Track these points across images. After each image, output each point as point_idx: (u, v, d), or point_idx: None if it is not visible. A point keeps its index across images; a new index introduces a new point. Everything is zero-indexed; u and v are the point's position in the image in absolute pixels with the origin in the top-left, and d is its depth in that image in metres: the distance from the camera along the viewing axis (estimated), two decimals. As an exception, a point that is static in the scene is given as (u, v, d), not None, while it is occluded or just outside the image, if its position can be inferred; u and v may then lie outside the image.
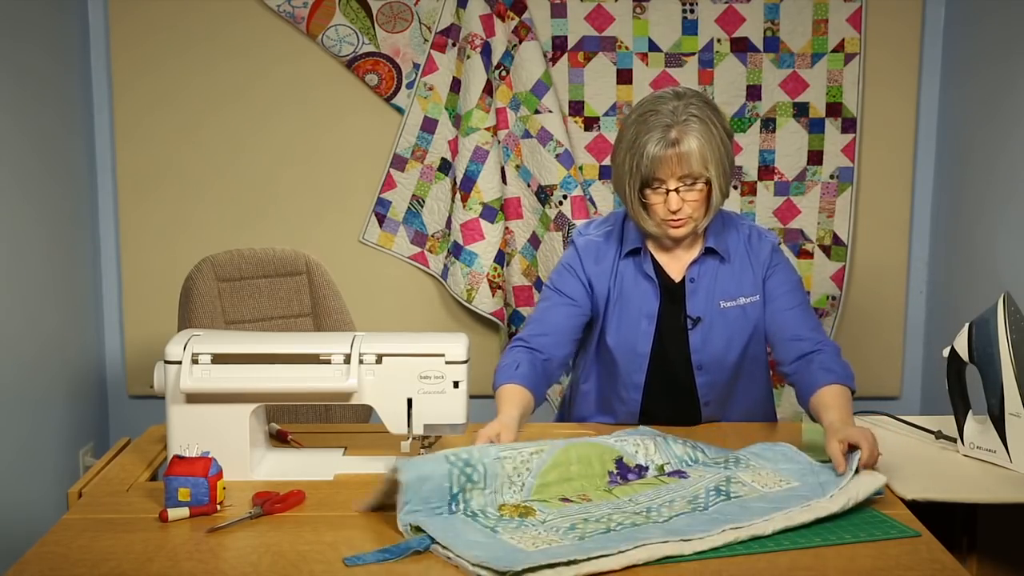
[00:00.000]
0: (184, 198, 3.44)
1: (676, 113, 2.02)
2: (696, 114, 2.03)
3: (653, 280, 2.15)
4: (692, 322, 2.14)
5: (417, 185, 3.44)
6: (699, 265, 2.15)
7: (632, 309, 2.15)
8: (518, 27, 3.32)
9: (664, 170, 2.02)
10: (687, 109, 2.03)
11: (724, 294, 2.15)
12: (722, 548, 1.53)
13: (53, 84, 3.14)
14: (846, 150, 3.42)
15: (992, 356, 1.92)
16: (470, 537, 1.54)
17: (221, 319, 2.56)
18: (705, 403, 2.19)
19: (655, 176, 2.03)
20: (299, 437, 2.05)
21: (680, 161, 2.01)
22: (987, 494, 1.81)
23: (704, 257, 2.15)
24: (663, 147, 2.01)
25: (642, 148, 2.02)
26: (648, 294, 2.15)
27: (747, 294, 2.15)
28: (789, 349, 2.12)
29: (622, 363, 2.16)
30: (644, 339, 2.15)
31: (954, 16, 3.35)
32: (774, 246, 2.20)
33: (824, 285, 3.48)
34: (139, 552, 1.52)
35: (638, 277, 2.16)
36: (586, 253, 2.19)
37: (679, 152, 2.01)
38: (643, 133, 2.03)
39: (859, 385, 3.71)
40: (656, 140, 2.01)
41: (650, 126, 2.03)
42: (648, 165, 2.02)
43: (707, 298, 2.14)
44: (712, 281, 2.15)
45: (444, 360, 1.83)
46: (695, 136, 2.01)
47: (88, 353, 3.39)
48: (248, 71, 3.39)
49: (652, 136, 2.01)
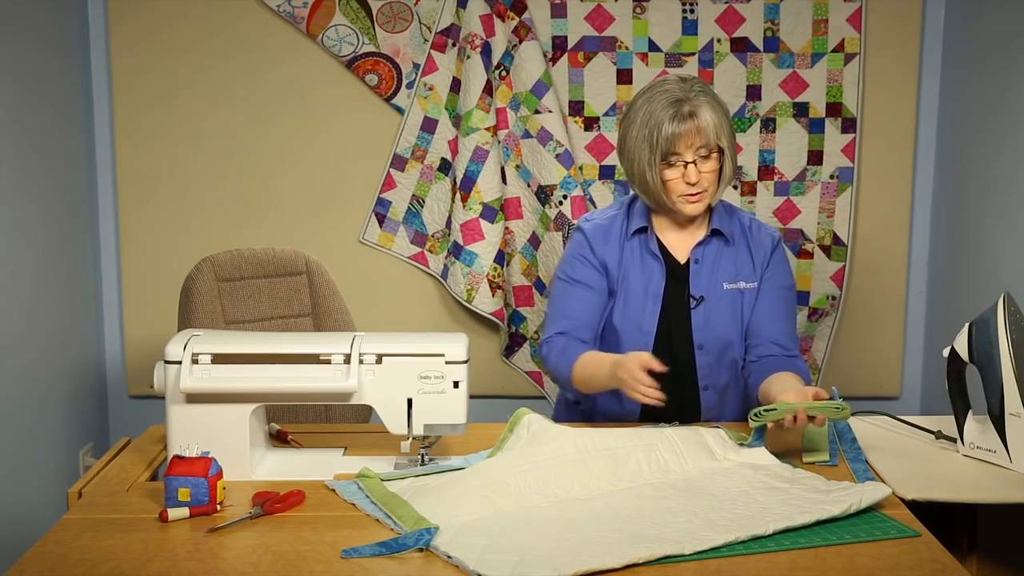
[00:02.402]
0: (184, 198, 3.44)
1: (685, 90, 2.11)
2: (703, 90, 2.12)
3: (659, 258, 2.19)
4: (695, 301, 2.18)
5: (417, 185, 3.44)
6: (704, 247, 2.21)
7: (638, 289, 2.19)
8: (518, 27, 3.32)
9: (682, 143, 2.09)
10: (693, 87, 2.12)
11: (726, 276, 2.20)
12: (722, 548, 1.53)
13: (53, 83, 3.14)
14: (846, 150, 3.42)
15: (992, 356, 1.92)
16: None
17: (221, 319, 2.56)
18: (704, 387, 2.21)
19: (673, 151, 2.09)
20: (299, 437, 2.05)
21: (698, 132, 2.08)
22: (987, 494, 1.81)
23: (710, 239, 2.21)
24: (679, 121, 2.08)
25: (658, 124, 2.09)
26: (654, 273, 2.19)
27: (746, 279, 2.21)
28: (764, 347, 2.19)
29: (627, 343, 2.19)
30: (650, 318, 2.18)
31: (954, 16, 3.35)
32: (775, 240, 2.26)
33: (824, 285, 3.48)
34: (139, 552, 1.52)
35: (644, 256, 2.21)
36: (594, 236, 2.23)
37: (696, 125, 2.08)
38: (656, 111, 2.10)
39: (859, 385, 3.72)
40: (671, 116, 2.08)
41: (662, 103, 2.10)
42: (667, 139, 2.08)
43: (710, 278, 2.19)
44: (716, 262, 2.21)
45: (444, 360, 1.83)
46: (707, 108, 2.10)
47: (88, 353, 3.39)
48: (248, 71, 3.39)
49: (666, 112, 2.09)
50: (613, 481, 1.77)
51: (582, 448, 1.81)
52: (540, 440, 1.84)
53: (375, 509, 1.67)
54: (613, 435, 1.87)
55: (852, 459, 1.91)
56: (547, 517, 1.63)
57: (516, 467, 1.75)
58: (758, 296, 2.21)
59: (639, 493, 1.74)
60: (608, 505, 1.69)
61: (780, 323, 2.21)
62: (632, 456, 1.82)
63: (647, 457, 1.83)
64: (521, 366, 3.51)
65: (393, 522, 1.61)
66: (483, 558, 1.47)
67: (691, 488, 1.76)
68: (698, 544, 1.52)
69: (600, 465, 1.78)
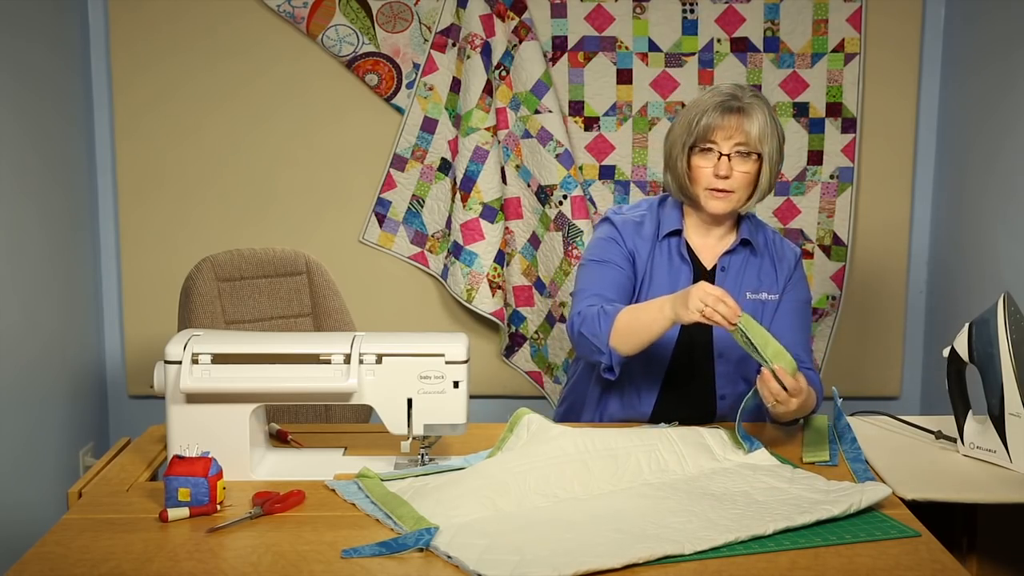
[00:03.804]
0: (184, 198, 3.44)
1: (743, 92, 2.11)
2: (759, 96, 2.13)
3: (688, 262, 2.19)
4: None
5: (417, 185, 3.44)
6: (731, 255, 2.21)
7: (663, 291, 2.17)
8: (518, 27, 3.32)
9: (720, 133, 2.08)
10: (750, 92, 2.12)
11: (750, 286, 2.20)
12: (722, 548, 1.53)
13: (53, 83, 3.14)
14: (846, 150, 3.42)
15: (992, 356, 1.91)
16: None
17: (221, 319, 2.56)
18: (721, 396, 2.21)
19: (709, 138, 2.09)
20: (299, 437, 2.05)
21: (739, 127, 2.08)
22: (987, 494, 1.81)
23: (738, 247, 2.21)
24: (722, 111, 2.08)
25: (703, 111, 2.09)
26: (682, 276, 2.19)
27: (768, 291, 2.21)
28: None
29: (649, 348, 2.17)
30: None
31: (954, 15, 3.35)
32: (797, 255, 2.28)
33: (824, 285, 3.48)
34: (139, 552, 1.52)
35: (673, 259, 2.20)
36: (624, 228, 2.22)
37: (741, 120, 2.08)
38: (707, 99, 2.11)
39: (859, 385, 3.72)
40: (718, 104, 2.09)
41: (715, 95, 2.11)
42: (707, 126, 2.08)
43: (735, 287, 2.19)
44: (741, 272, 2.21)
45: (444, 360, 1.83)
46: (759, 111, 2.10)
47: (88, 353, 3.39)
48: (248, 71, 3.39)
49: (714, 101, 2.09)
50: (613, 481, 1.77)
51: (582, 448, 1.81)
52: (540, 440, 1.84)
53: (375, 509, 1.67)
54: (613, 435, 1.87)
55: (852, 459, 1.91)
56: (547, 517, 1.63)
57: (516, 467, 1.75)
58: (778, 309, 2.21)
59: (639, 493, 1.74)
60: (608, 505, 1.68)
61: (797, 336, 2.20)
62: (632, 456, 1.82)
63: (647, 457, 1.83)
64: (521, 366, 3.51)
65: (393, 522, 1.61)
66: (483, 558, 1.47)
67: (691, 488, 1.76)
68: (698, 544, 1.52)
69: (600, 465, 1.78)
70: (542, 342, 3.46)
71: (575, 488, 1.73)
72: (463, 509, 1.63)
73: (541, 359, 3.48)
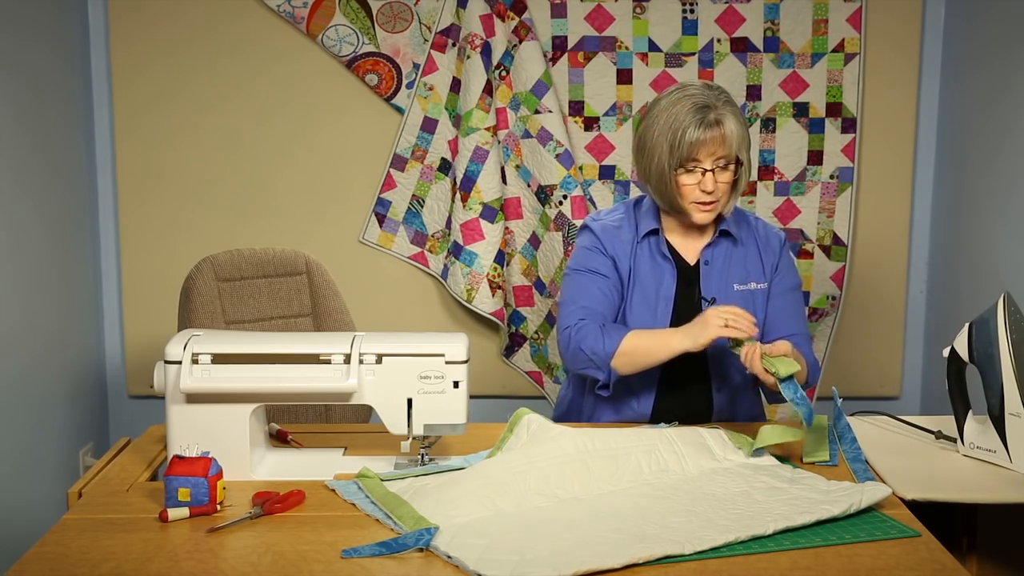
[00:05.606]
0: (184, 198, 3.44)
1: (711, 97, 2.08)
2: (728, 100, 2.10)
3: (670, 260, 2.18)
4: (707, 303, 2.17)
5: (417, 185, 3.44)
6: (713, 248, 2.20)
7: (649, 291, 2.18)
8: (518, 27, 3.32)
9: (704, 150, 2.07)
10: (720, 96, 2.10)
11: (737, 277, 2.20)
12: (722, 548, 1.53)
13: (53, 83, 3.14)
14: (846, 150, 3.42)
15: (992, 356, 1.91)
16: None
17: (221, 319, 2.56)
18: (717, 389, 2.21)
19: (693, 157, 2.08)
20: (299, 437, 2.05)
21: (722, 141, 2.06)
22: (987, 494, 1.81)
23: (718, 239, 2.20)
24: (704, 128, 2.06)
25: (683, 128, 2.06)
26: (665, 275, 2.18)
27: (757, 280, 2.21)
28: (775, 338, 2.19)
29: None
30: (662, 320, 2.17)
31: (954, 15, 3.35)
32: (782, 240, 2.27)
33: (824, 285, 3.48)
34: (139, 552, 1.52)
35: (655, 258, 2.20)
36: (604, 235, 2.22)
37: (721, 133, 2.06)
38: (681, 114, 2.07)
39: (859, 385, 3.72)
40: (697, 122, 2.06)
41: (688, 107, 2.07)
42: (690, 145, 2.06)
43: (721, 280, 2.19)
44: (726, 264, 2.20)
45: (444, 360, 1.83)
46: (732, 117, 2.08)
47: (88, 353, 3.39)
48: (248, 71, 3.39)
49: (692, 117, 2.06)
50: (613, 481, 1.77)
51: (582, 448, 1.81)
52: (540, 440, 1.84)
53: (375, 509, 1.67)
54: (613, 435, 1.87)
55: (852, 459, 1.91)
56: (547, 517, 1.63)
57: (516, 467, 1.75)
58: (770, 298, 2.21)
59: (639, 493, 1.74)
60: (608, 505, 1.69)
61: (793, 322, 2.21)
62: (632, 456, 1.82)
63: (647, 457, 1.83)
64: (521, 366, 3.51)
65: (393, 522, 1.61)
66: (483, 558, 1.47)
67: (691, 488, 1.76)
68: (698, 544, 1.52)
69: (600, 465, 1.78)
70: (542, 342, 3.46)
71: (575, 488, 1.73)
72: (463, 509, 1.63)
73: (541, 359, 3.48)
